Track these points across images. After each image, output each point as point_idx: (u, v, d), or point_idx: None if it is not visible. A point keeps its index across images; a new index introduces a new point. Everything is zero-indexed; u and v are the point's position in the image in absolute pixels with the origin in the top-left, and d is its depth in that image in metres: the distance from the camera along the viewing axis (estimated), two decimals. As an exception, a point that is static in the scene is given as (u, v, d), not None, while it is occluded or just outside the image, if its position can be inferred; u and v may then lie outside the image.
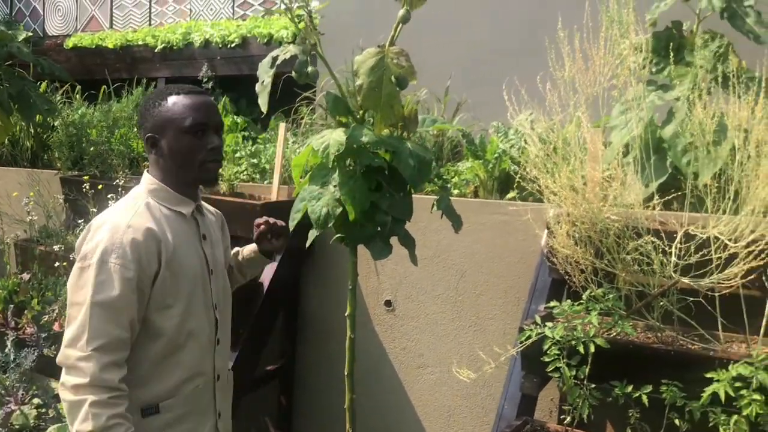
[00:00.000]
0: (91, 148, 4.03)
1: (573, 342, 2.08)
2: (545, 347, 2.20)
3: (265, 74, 2.34)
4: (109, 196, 3.20)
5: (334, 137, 2.37)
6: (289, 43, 7.24)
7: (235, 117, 4.84)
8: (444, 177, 3.51)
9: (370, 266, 3.33)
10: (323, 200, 2.42)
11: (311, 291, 3.57)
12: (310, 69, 2.41)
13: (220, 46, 7.24)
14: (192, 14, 8.24)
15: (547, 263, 2.60)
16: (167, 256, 1.78)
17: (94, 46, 7.28)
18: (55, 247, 3.27)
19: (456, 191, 3.43)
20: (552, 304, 2.25)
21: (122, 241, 1.71)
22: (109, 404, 1.63)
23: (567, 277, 2.33)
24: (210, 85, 7.11)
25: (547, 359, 2.16)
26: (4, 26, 3.99)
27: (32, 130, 4.74)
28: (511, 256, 2.99)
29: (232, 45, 7.12)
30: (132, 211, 1.79)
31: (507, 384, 2.46)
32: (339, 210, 2.38)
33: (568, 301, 2.28)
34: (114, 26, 8.11)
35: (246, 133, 4.75)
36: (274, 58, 2.32)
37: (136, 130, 4.13)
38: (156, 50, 7.18)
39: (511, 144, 3.29)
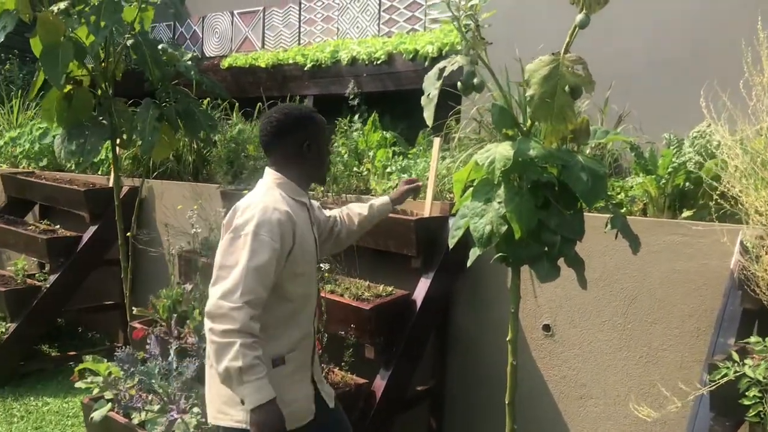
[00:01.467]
0: (250, 163, 4.13)
1: (779, 384, 1.82)
2: (742, 387, 1.94)
3: (431, 86, 2.26)
4: None
5: (500, 151, 2.25)
6: (434, 58, 7.21)
7: (384, 132, 4.83)
8: (609, 194, 3.27)
9: (527, 286, 3.16)
10: (487, 217, 2.30)
11: (464, 310, 3.45)
12: (476, 80, 2.31)
13: (366, 63, 7.31)
14: (339, 33, 8.41)
15: (739, 291, 2.32)
16: (299, 235, 2.14)
17: (247, 66, 7.60)
18: (215, 259, 3.38)
19: (623, 209, 3.18)
20: (753, 339, 1.99)
21: (271, 219, 2.06)
22: (254, 347, 1.96)
23: (769, 308, 2.05)
24: (356, 101, 7.21)
25: (747, 402, 1.90)
26: (172, 48, 4.19)
27: (195, 146, 4.96)
28: (690, 281, 2.72)
29: (378, 62, 7.17)
30: (273, 198, 2.15)
31: (691, 426, 2.21)
32: (504, 228, 2.25)
33: (771, 335, 2.00)
34: (266, 46, 8.43)
35: (396, 148, 4.72)
36: (441, 70, 2.24)
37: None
38: (305, 68, 7.37)
39: (689, 157, 3.01)
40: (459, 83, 2.28)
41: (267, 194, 2.17)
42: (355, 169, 4.35)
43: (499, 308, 3.25)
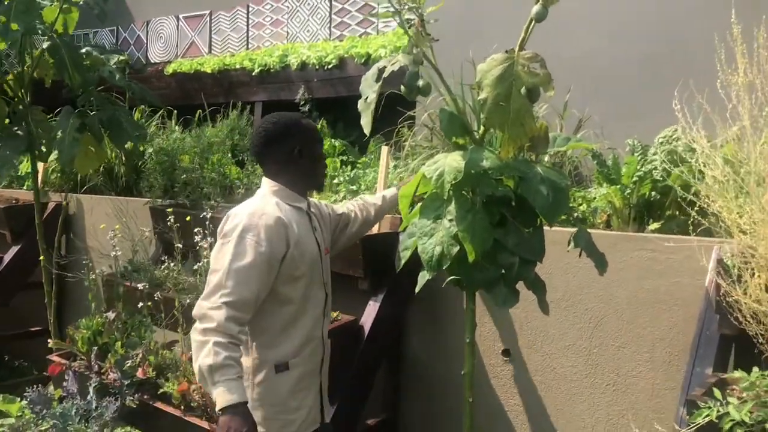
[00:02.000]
0: (183, 176, 3.80)
1: (768, 426, 1.59)
2: (725, 428, 1.70)
3: (369, 89, 1.98)
4: (195, 230, 2.92)
5: (449, 162, 1.98)
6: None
7: (333, 140, 4.54)
8: (570, 206, 3.04)
9: (482, 307, 2.90)
10: (437, 237, 2.03)
11: (418, 335, 3.17)
12: (421, 82, 2.04)
13: (317, 67, 7.11)
14: (289, 37, 8.18)
15: (716, 315, 2.10)
16: (294, 239, 2.15)
17: (192, 71, 7.30)
18: (139, 285, 3.03)
19: (585, 223, 2.95)
20: (737, 373, 1.75)
21: (258, 223, 2.09)
22: (228, 347, 1.98)
23: (755, 337, 1.82)
24: (307, 107, 6.96)
25: (732, 447, 1.66)
26: (97, 51, 3.83)
27: (123, 158, 4.59)
28: (661, 301, 2.50)
29: (329, 66, 6.95)
30: (264, 204, 2.18)
31: (668, 468, 1.96)
32: (456, 249, 1.98)
33: (757, 369, 1.77)
34: (213, 51, 8.12)
35: (344, 157, 4.43)
36: (381, 70, 1.97)
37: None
38: (253, 74, 7.12)
39: (655, 165, 2.78)
40: (402, 86, 2.00)
41: (259, 201, 2.20)
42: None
43: (454, 333, 2.98)
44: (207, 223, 3.04)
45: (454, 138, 2.08)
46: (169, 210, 3.30)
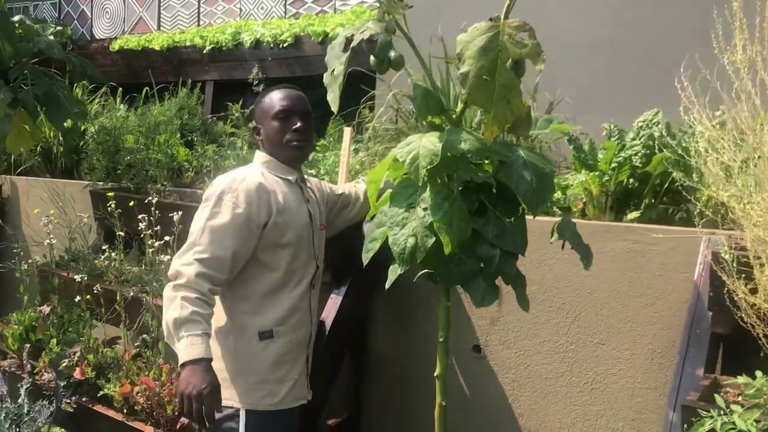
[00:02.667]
0: (127, 157, 3.51)
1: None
2: (727, 438, 1.55)
3: (335, 60, 1.76)
4: (140, 216, 2.66)
5: (425, 144, 1.78)
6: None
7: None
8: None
9: (457, 304, 2.71)
10: (409, 227, 1.83)
11: (384, 332, 2.97)
12: (393, 54, 1.83)
13: (272, 46, 6.88)
14: (242, 14, 7.93)
15: (709, 312, 1.95)
16: (277, 207, 2.15)
17: (140, 48, 7.01)
18: (76, 276, 2.76)
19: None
20: (741, 379, 1.60)
21: (237, 187, 2.11)
22: (196, 302, 1.97)
23: (759, 339, 1.67)
24: (261, 87, 6.70)
25: (738, 461, 1.51)
26: (31, 21, 3.51)
27: (60, 137, 4.26)
28: (642, 295, 2.36)
29: (285, 45, 6.71)
30: (248, 172, 2.20)
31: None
32: (431, 241, 1.79)
33: (761, 374, 1.62)
34: (162, 28, 7.81)
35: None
36: (349, 39, 1.74)
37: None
38: (204, 51, 6.87)
39: (635, 151, 2.63)
40: (372, 58, 1.79)
41: (244, 170, 2.23)
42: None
43: (424, 329, 2.80)
44: (153, 209, 2.78)
45: (430, 117, 1.88)
46: (110, 194, 3.02)
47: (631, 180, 2.71)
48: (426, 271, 1.94)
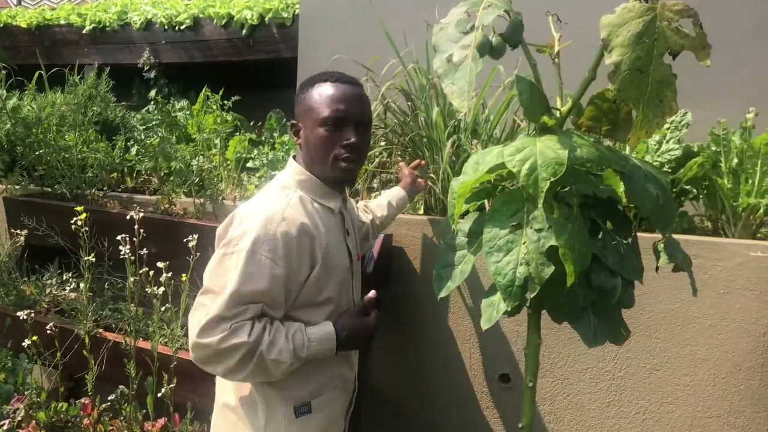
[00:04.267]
0: (61, 155, 2.82)
1: None
2: None
3: (450, 44, 1.38)
4: (121, 236, 2.07)
5: (542, 152, 1.45)
6: (254, 25, 6.08)
7: (223, 113, 3.72)
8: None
9: (470, 311, 2.41)
10: (516, 252, 1.49)
11: (378, 359, 2.59)
12: (494, 39, 1.46)
13: (166, 28, 6.25)
14: None
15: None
16: (321, 253, 1.66)
17: (1, 25, 6.12)
18: (21, 313, 2.14)
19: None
20: None
21: (276, 233, 1.59)
22: (268, 333, 1.58)
23: None
24: (152, 74, 6.06)
25: None
26: None
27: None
28: (704, 315, 2.15)
29: (181, 27, 6.12)
30: (285, 202, 1.66)
31: None
32: (549, 270, 1.46)
33: None
34: (23, 3, 6.93)
35: (251, 135, 3.68)
36: (470, 14, 1.36)
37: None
38: (84, 31, 6.15)
39: (671, 156, 2.44)
40: (493, 40, 1.42)
41: (279, 197, 1.68)
42: (194, 162, 3.22)
43: (427, 354, 2.47)
44: (136, 226, 2.18)
45: (543, 118, 1.53)
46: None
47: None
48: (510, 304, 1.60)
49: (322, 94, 1.70)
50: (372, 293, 1.81)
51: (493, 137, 2.75)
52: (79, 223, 2.08)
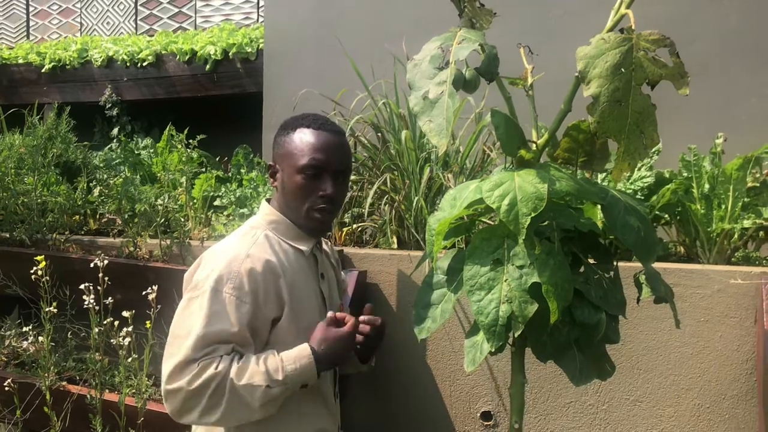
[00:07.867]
0: (19, 200, 2.72)
1: None
2: None
3: (425, 80, 1.35)
4: (84, 285, 1.98)
5: (521, 186, 1.42)
6: (218, 60, 6.03)
7: (188, 150, 3.65)
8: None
9: (450, 347, 2.36)
10: (498, 290, 1.45)
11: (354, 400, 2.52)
12: (468, 73, 1.43)
13: (128, 64, 6.21)
14: (83, 29, 7.14)
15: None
16: (288, 295, 1.61)
17: None
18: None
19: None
20: None
21: (240, 270, 1.56)
22: (235, 363, 1.52)
23: None
24: (115, 111, 5.98)
25: None
26: None
27: None
28: (686, 344, 2.13)
29: (144, 64, 6.08)
30: (251, 241, 1.65)
31: None
32: (533, 308, 1.43)
33: None
34: (-22, 42, 6.88)
35: (218, 173, 3.61)
36: (444, 50, 1.33)
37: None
38: (43, 70, 6.09)
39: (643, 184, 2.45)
40: (467, 74, 1.39)
41: (244, 236, 1.67)
42: (159, 203, 3.13)
43: (401, 400, 2.40)
44: (100, 273, 2.09)
45: (520, 152, 1.51)
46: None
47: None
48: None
49: (303, 140, 1.66)
50: (368, 306, 1.78)
51: (465, 168, 2.74)
52: (39, 272, 2.00)
